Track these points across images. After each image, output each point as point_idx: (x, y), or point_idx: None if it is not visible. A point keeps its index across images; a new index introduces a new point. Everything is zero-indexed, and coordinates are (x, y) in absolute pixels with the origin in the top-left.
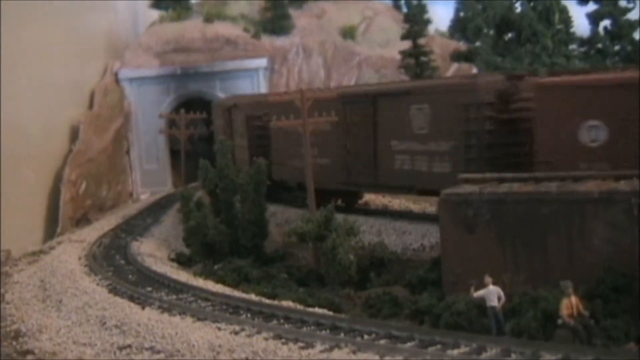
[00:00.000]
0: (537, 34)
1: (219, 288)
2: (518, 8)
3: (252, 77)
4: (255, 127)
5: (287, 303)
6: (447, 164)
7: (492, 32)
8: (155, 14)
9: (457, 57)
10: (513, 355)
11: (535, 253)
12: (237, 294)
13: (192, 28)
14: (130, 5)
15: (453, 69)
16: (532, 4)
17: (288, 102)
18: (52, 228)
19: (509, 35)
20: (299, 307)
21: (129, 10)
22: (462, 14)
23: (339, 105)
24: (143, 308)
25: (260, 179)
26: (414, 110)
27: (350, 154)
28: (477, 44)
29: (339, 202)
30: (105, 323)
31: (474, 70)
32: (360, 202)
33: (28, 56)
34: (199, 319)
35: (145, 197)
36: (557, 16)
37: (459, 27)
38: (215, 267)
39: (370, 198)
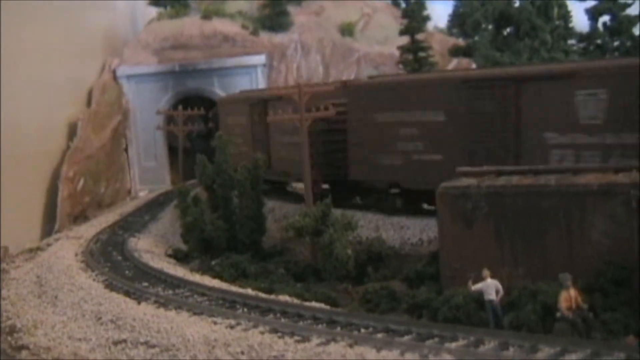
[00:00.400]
0: (536, 29)
1: (215, 283)
2: (517, 3)
3: (250, 74)
4: (320, 121)
5: (284, 298)
6: (633, 160)
7: (490, 26)
8: (153, 11)
9: (456, 52)
10: (511, 348)
11: (534, 246)
12: (233, 288)
13: (190, 25)
14: (129, 3)
15: (453, 64)
16: None
17: (377, 89)
18: (50, 225)
19: (508, 29)
20: (296, 301)
21: (128, 8)
22: (461, 10)
23: (459, 90)
24: (139, 303)
25: (257, 174)
26: (582, 96)
27: (477, 149)
28: (476, 38)
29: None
30: (100, 318)
31: (473, 65)
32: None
33: (28, 56)
34: (195, 314)
35: (143, 195)
36: (556, 11)
37: (457, 23)
38: (213, 262)
39: None
